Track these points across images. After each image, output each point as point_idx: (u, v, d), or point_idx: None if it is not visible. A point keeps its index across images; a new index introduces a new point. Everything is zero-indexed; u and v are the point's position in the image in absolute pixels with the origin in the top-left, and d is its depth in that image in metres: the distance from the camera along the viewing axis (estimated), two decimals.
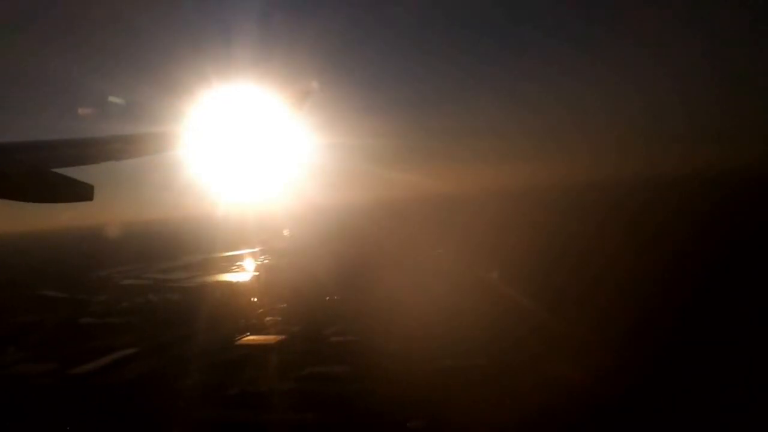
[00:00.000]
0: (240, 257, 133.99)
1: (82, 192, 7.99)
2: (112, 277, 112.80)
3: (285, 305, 73.49)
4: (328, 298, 74.46)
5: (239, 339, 59.98)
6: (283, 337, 59.19)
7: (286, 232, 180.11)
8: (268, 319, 67.76)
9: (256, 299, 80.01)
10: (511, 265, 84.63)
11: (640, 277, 67.30)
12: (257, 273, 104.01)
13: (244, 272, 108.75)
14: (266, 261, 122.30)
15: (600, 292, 61.58)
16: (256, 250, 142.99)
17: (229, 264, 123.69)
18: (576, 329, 49.91)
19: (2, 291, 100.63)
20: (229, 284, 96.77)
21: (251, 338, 59.85)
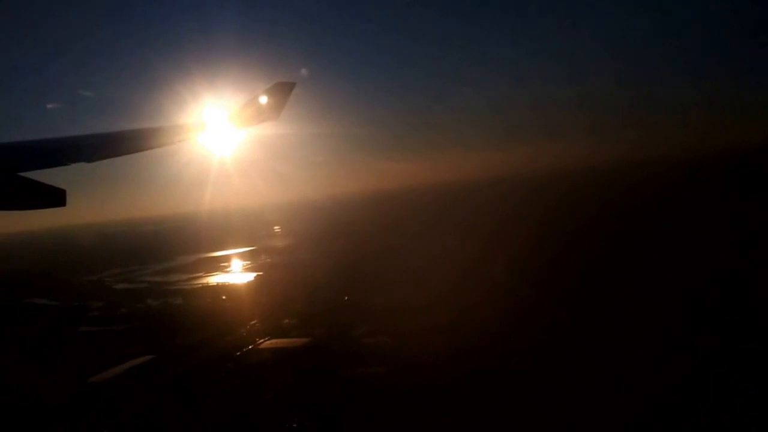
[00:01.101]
0: (236, 256, 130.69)
1: (54, 197, 7.34)
2: (103, 282, 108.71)
3: (299, 306, 71.09)
4: (347, 297, 72.22)
5: (261, 343, 57.54)
6: (307, 339, 56.95)
7: (277, 229, 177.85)
8: (285, 321, 65.30)
9: (264, 301, 77.32)
10: (518, 256, 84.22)
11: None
12: (260, 273, 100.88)
13: (245, 272, 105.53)
14: (266, 260, 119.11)
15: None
16: (252, 248, 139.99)
17: (227, 264, 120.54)
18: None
19: None
20: (232, 286, 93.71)
21: (274, 341, 57.43)
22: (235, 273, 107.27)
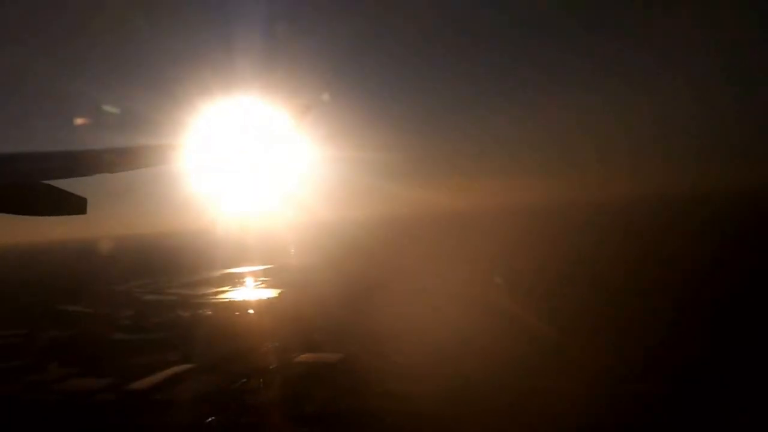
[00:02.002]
0: (258, 273, 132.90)
1: (75, 205, 7.83)
2: (131, 292, 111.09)
3: (326, 322, 72.74)
4: (374, 315, 73.60)
5: (296, 356, 59.19)
6: (341, 355, 58.59)
7: (292, 250, 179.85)
8: (315, 336, 66.98)
9: (291, 316, 78.99)
10: (538, 286, 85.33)
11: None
12: (284, 289, 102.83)
13: (269, 288, 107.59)
14: (288, 277, 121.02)
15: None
16: (272, 266, 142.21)
17: (251, 279, 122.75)
18: None
19: (19, 305, 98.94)
20: (258, 300, 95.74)
21: (308, 356, 59.06)
22: (260, 289, 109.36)
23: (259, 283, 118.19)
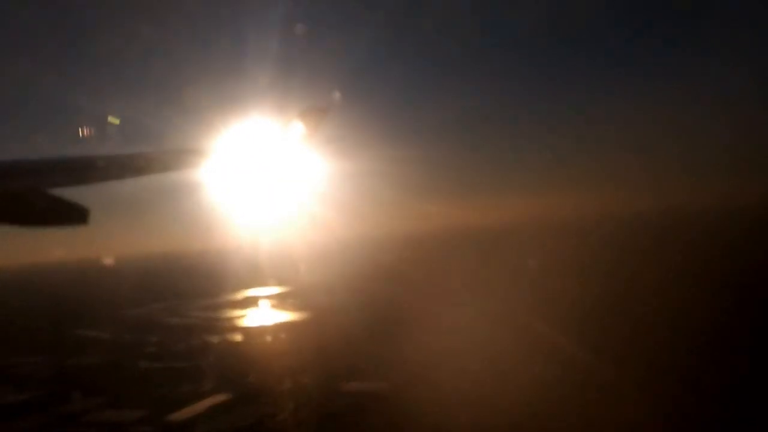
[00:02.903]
0: (276, 296, 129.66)
1: (77, 216, 7.61)
2: (152, 316, 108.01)
3: (364, 347, 69.58)
4: (409, 342, 70.59)
5: (338, 385, 56.12)
6: (386, 384, 55.50)
7: (311, 270, 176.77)
8: (354, 363, 63.81)
9: (325, 341, 75.88)
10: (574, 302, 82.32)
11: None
12: (312, 312, 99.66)
13: (296, 311, 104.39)
14: (313, 299, 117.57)
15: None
16: (290, 288, 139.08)
17: (270, 302, 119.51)
18: None
19: (33, 331, 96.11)
20: (285, 325, 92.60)
21: (353, 385, 56.04)
22: (284, 311, 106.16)
23: (283, 305, 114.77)
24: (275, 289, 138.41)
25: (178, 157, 9.34)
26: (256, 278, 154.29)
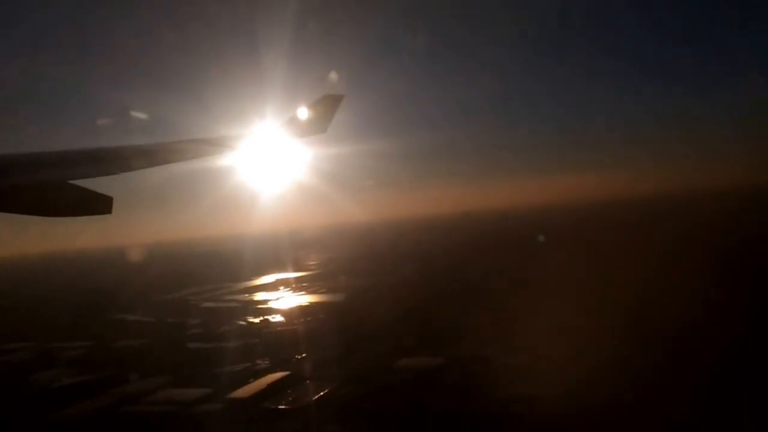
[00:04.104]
0: (305, 278, 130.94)
1: (101, 205, 7.85)
2: (187, 300, 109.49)
3: (408, 325, 70.66)
4: (446, 318, 71.42)
5: (394, 362, 57.20)
6: (442, 359, 56.53)
7: (325, 252, 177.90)
8: (404, 341, 64.79)
9: (368, 321, 76.82)
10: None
11: None
12: (346, 294, 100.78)
13: (330, 293, 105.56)
14: (345, 281, 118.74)
15: None
16: (317, 271, 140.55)
17: (307, 285, 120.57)
18: None
19: (74, 315, 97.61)
20: (325, 305, 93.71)
21: (409, 360, 57.08)
22: (320, 293, 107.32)
23: (315, 287, 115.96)
24: (302, 273, 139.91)
25: (199, 146, 9.59)
26: (279, 262, 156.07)
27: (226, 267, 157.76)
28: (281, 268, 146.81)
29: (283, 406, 48.36)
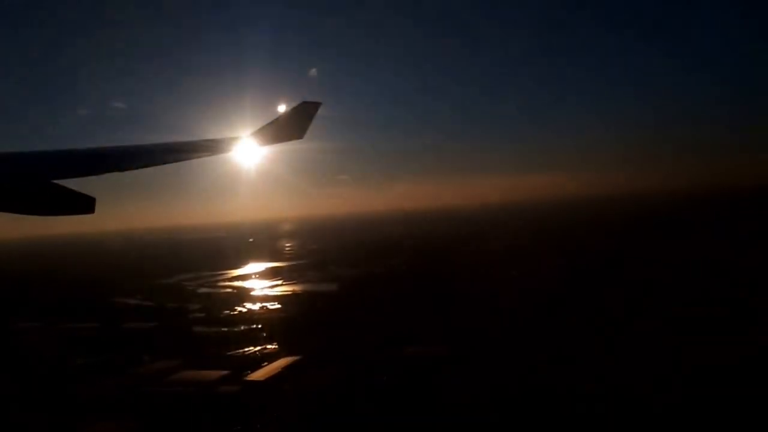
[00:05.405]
0: (295, 268, 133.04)
1: (83, 205, 7.96)
2: (183, 285, 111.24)
3: (408, 313, 73.77)
4: (446, 308, 74.86)
5: (400, 349, 60.12)
6: (446, 346, 59.68)
7: (314, 243, 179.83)
8: (404, 328, 67.82)
9: (364, 309, 79.70)
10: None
11: None
12: (338, 283, 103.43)
13: (321, 282, 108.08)
14: (334, 271, 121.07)
15: None
16: (304, 261, 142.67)
17: (291, 274, 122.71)
18: None
19: (72, 299, 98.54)
20: (320, 293, 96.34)
21: (414, 348, 60.02)
22: (312, 282, 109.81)
23: (306, 277, 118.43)
24: (292, 263, 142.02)
25: (202, 145, 10.26)
26: (271, 252, 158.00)
27: (219, 254, 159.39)
28: (270, 258, 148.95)
29: (302, 388, 50.97)
